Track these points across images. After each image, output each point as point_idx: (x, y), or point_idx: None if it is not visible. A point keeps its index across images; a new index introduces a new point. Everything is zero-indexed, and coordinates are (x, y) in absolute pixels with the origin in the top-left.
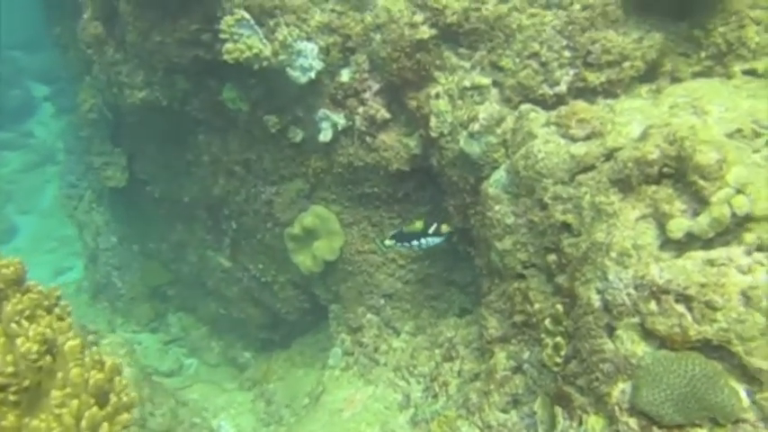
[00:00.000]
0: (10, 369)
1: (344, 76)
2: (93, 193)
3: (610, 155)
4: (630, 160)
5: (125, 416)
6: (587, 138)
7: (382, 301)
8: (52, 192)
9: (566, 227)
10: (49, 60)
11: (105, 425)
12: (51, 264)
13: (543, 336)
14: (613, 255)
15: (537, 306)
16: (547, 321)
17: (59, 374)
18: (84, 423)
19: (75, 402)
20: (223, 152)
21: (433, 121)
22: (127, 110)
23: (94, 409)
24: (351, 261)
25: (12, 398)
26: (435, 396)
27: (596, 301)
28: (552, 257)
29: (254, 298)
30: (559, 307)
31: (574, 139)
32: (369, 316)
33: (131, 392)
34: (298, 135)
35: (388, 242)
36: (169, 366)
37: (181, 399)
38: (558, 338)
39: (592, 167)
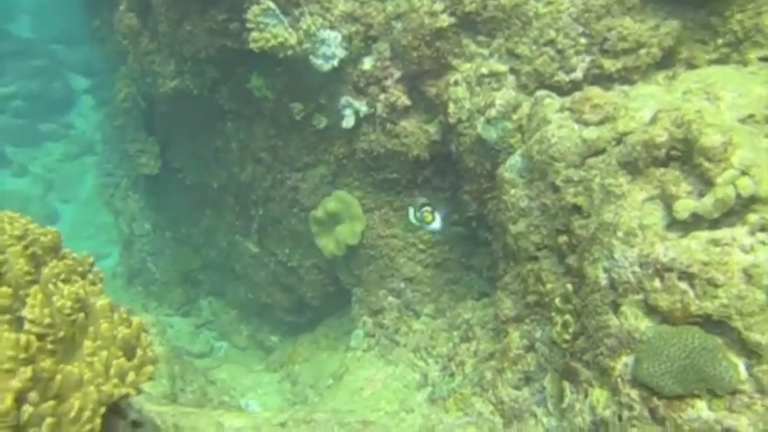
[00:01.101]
0: (47, 320)
1: (367, 64)
2: (128, 181)
3: (620, 139)
4: (639, 143)
5: (149, 368)
6: (600, 123)
7: (403, 285)
8: (91, 181)
9: (576, 209)
10: (89, 53)
11: (132, 374)
12: (89, 250)
13: (553, 314)
14: (620, 234)
15: (549, 286)
16: (557, 300)
17: (91, 329)
18: (112, 371)
19: (104, 353)
20: (250, 139)
21: (451, 108)
22: (159, 98)
23: (122, 359)
24: (373, 245)
25: (49, 346)
26: (452, 375)
27: (603, 279)
28: (563, 239)
29: (281, 282)
30: (569, 286)
31: (587, 124)
32: (390, 299)
33: (155, 349)
34: (322, 122)
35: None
36: (200, 349)
37: (210, 378)
38: (567, 316)
39: (603, 151)
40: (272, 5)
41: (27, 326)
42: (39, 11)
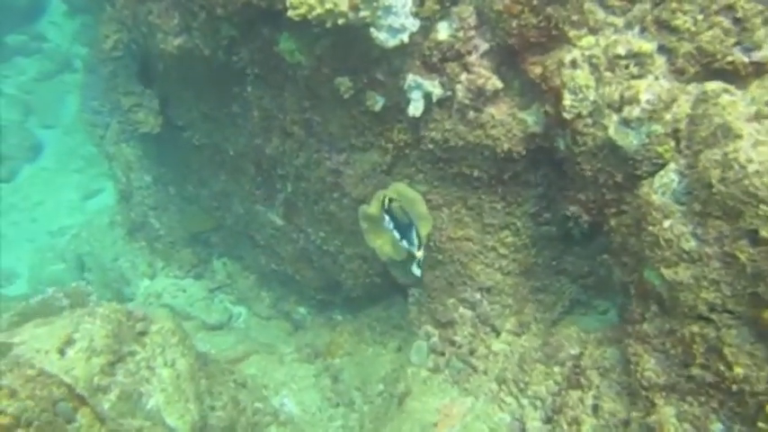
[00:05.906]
0: None
1: (442, 32)
2: (119, 125)
3: None
4: None
5: None
6: None
7: (478, 296)
8: (73, 104)
9: None
10: None
11: None
12: (80, 185)
13: (761, 425)
14: None
15: (739, 371)
16: None
17: None
18: None
19: None
20: (277, 109)
21: (567, 99)
22: (159, 54)
23: None
24: (440, 249)
25: None
26: None
27: None
28: None
29: (313, 261)
30: None
31: None
32: (461, 310)
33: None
34: (377, 103)
35: None
36: (217, 318)
37: (239, 378)
38: None
39: None
40: None
41: None
42: None
